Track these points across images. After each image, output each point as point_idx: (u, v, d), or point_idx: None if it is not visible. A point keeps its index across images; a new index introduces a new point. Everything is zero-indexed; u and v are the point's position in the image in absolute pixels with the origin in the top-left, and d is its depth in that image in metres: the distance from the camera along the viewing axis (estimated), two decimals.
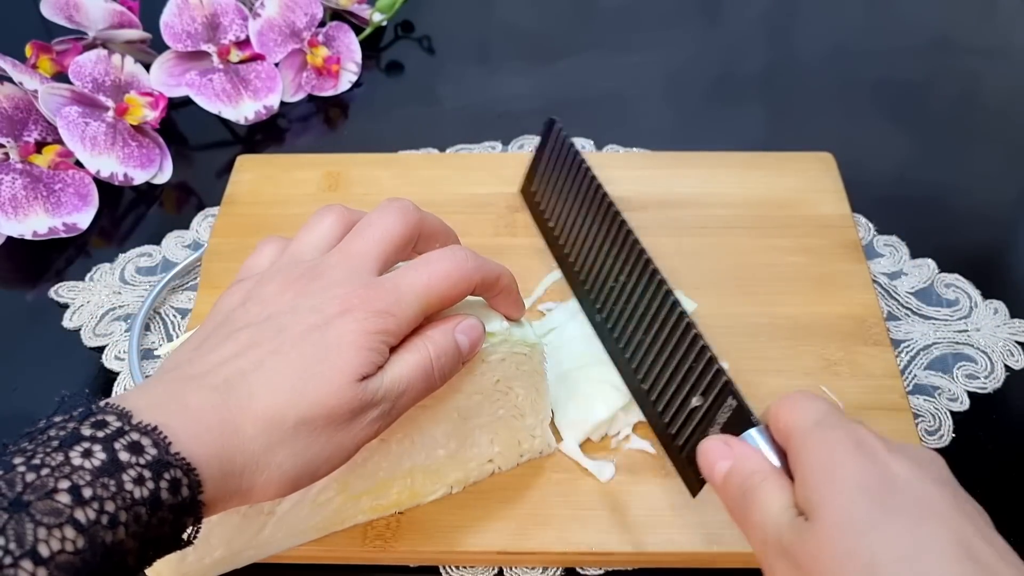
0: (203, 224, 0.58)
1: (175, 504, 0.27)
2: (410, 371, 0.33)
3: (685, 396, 0.35)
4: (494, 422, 0.41)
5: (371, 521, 0.41)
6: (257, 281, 0.34)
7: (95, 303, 0.53)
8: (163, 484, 0.27)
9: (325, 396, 0.30)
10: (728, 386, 0.33)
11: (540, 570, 0.41)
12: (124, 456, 0.27)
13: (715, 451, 0.32)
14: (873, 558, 0.26)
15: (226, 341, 0.32)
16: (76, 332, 0.52)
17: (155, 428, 0.28)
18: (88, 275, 0.55)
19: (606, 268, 0.43)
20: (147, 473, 0.27)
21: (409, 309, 0.33)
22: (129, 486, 0.26)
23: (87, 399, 0.28)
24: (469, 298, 0.36)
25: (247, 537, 0.38)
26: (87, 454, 0.26)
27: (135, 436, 0.27)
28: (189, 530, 0.29)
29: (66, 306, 0.53)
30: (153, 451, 0.27)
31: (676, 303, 0.37)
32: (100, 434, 0.27)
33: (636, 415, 0.44)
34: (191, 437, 0.28)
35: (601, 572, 0.41)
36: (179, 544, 0.29)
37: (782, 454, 0.31)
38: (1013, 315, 0.51)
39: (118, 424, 0.27)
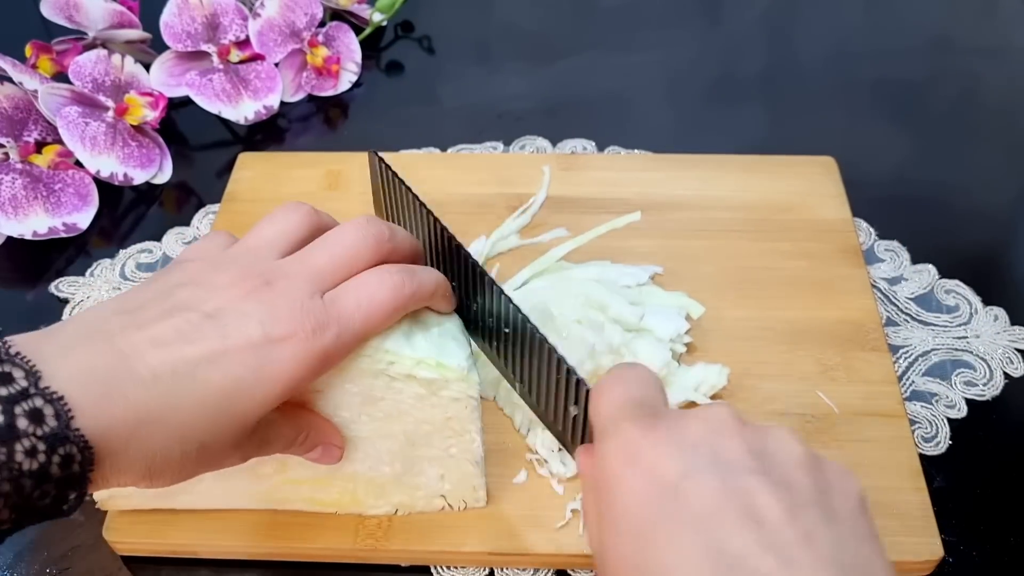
0: (204, 221, 0.58)
1: (62, 478, 0.26)
2: (286, 435, 0.34)
3: (564, 407, 0.35)
4: (445, 459, 0.39)
5: (363, 520, 0.41)
6: (210, 264, 0.33)
7: (95, 298, 0.54)
8: (55, 459, 0.26)
9: (238, 430, 0.30)
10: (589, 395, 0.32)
11: (531, 571, 0.41)
12: (22, 424, 0.25)
13: (579, 464, 0.33)
14: None
15: (165, 318, 0.30)
16: None
17: (61, 398, 0.26)
18: (89, 271, 0.55)
19: (467, 297, 0.39)
20: (41, 446, 0.25)
21: (344, 350, 0.33)
22: (19, 457, 0.25)
23: None
24: None
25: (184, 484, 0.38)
26: None
27: (39, 403, 0.26)
28: (71, 502, 0.27)
29: (66, 301, 0.53)
30: (53, 423, 0.26)
31: (526, 320, 0.35)
32: (3, 392, 0.25)
33: None
34: (101, 425, 0.27)
35: (592, 574, 0.41)
36: (58, 513, 0.27)
37: None
38: (1013, 322, 0.50)
39: (24, 384, 0.26)
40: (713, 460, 0.27)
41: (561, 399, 0.35)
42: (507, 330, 0.37)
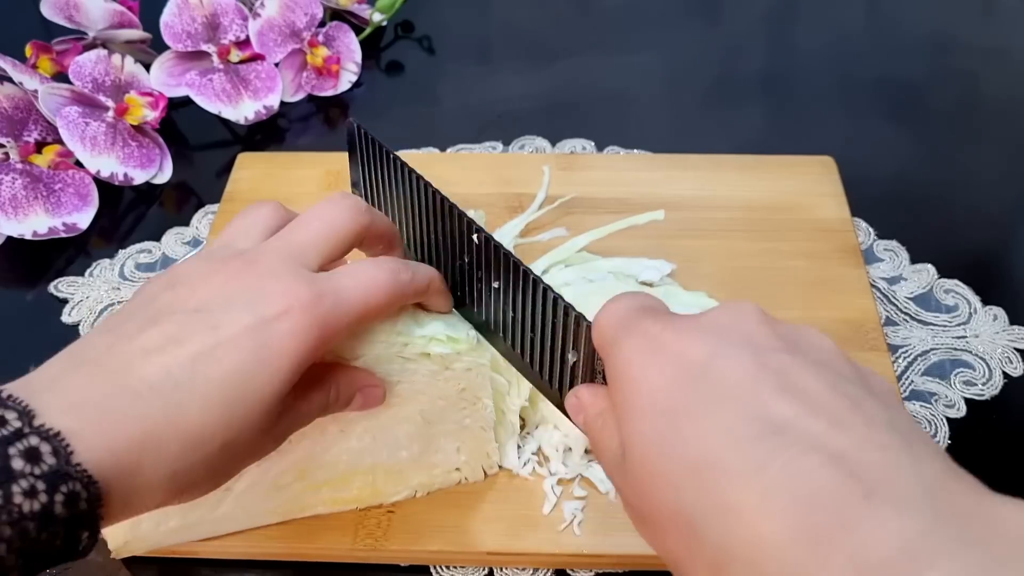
0: (203, 221, 0.58)
1: (69, 518, 0.25)
2: (316, 400, 0.33)
3: (561, 355, 0.33)
4: (460, 431, 0.40)
5: (362, 520, 0.41)
6: (185, 264, 0.32)
7: (94, 298, 0.54)
8: (58, 498, 0.24)
9: (257, 417, 0.29)
10: (591, 329, 0.31)
11: (530, 571, 0.41)
12: (18, 464, 0.24)
13: (573, 406, 0.32)
14: (676, 478, 0.24)
15: (150, 327, 0.28)
16: (75, 328, 0.52)
17: (57, 434, 0.25)
18: (88, 271, 0.55)
19: (450, 256, 0.38)
20: (41, 485, 0.24)
21: (345, 320, 0.31)
22: (18, 499, 0.24)
23: None
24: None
25: (203, 511, 0.39)
26: None
27: (34, 441, 0.24)
28: (84, 542, 0.26)
29: (65, 301, 0.54)
30: (52, 460, 0.24)
31: (518, 264, 0.34)
32: None
33: None
34: (105, 450, 0.26)
35: (591, 574, 0.41)
36: (73, 555, 0.26)
37: None
38: (1012, 322, 0.50)
39: (17, 424, 0.25)
40: (744, 341, 0.25)
41: (558, 347, 0.33)
42: (496, 284, 0.36)
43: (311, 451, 0.38)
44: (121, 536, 0.38)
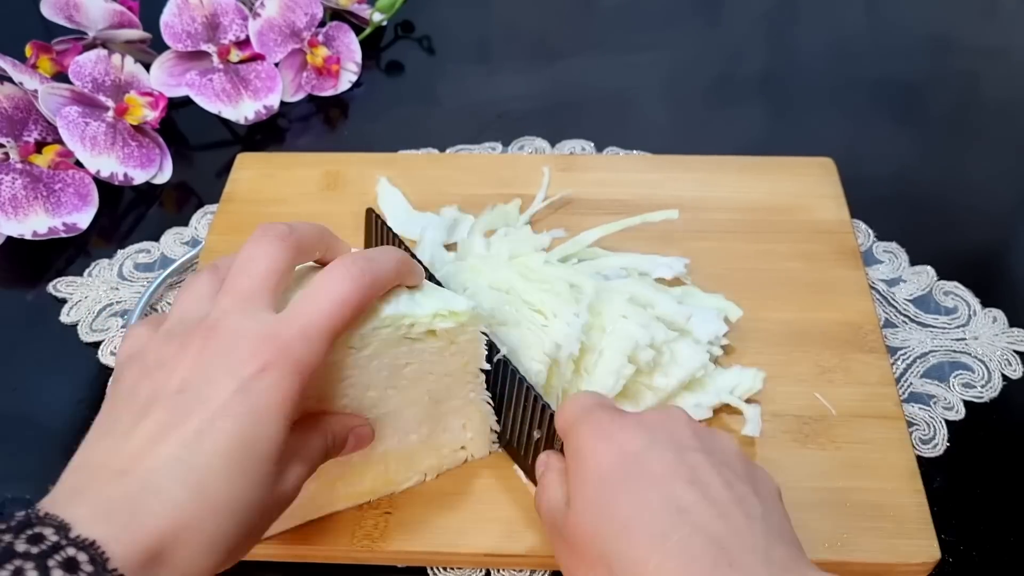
0: (202, 221, 0.58)
1: None
2: (318, 446, 0.35)
3: (529, 432, 0.40)
4: (465, 405, 0.41)
5: (359, 521, 0.41)
6: (152, 350, 0.32)
7: (93, 298, 0.54)
8: None
9: (268, 470, 0.30)
10: (553, 417, 0.38)
11: (527, 572, 0.41)
12: (58, 575, 0.25)
13: (541, 461, 0.39)
14: (605, 532, 0.31)
15: (143, 419, 0.30)
16: (74, 328, 0.52)
17: (93, 543, 0.26)
18: (87, 271, 0.55)
19: None
20: None
21: (320, 350, 0.32)
22: None
23: (27, 506, 0.27)
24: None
25: None
26: (18, 573, 0.25)
27: (71, 552, 0.26)
28: None
29: (64, 301, 0.54)
30: (89, 568, 0.26)
31: (506, 360, 0.40)
32: (35, 550, 0.25)
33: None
34: (140, 550, 0.27)
35: None
36: None
37: None
38: (1012, 324, 0.50)
39: (55, 539, 0.26)
40: (668, 440, 0.33)
41: (527, 426, 0.40)
42: (484, 366, 0.40)
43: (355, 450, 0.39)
44: None
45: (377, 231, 0.48)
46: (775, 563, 0.30)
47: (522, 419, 0.41)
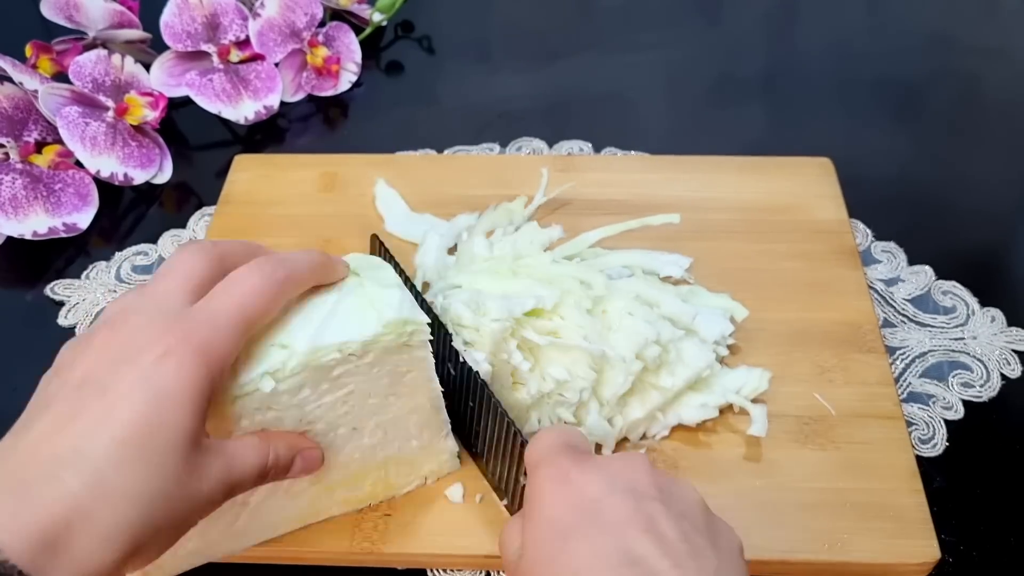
0: (200, 223, 0.58)
1: None
2: (252, 459, 0.33)
3: (516, 478, 0.39)
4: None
5: (359, 523, 0.41)
6: (64, 354, 0.32)
7: (90, 301, 0.54)
8: None
9: (175, 462, 0.29)
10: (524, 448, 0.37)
11: None
12: None
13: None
14: None
15: (42, 415, 0.29)
16: (71, 330, 0.52)
17: None
18: (84, 273, 0.55)
19: (446, 369, 0.42)
20: None
21: (229, 338, 0.31)
22: None
23: None
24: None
25: (221, 528, 0.39)
26: None
27: None
28: None
29: (62, 303, 0.54)
30: None
31: (484, 386, 0.40)
32: None
33: (675, 417, 0.44)
34: (34, 537, 0.26)
35: None
36: None
37: None
38: (1010, 323, 0.50)
39: None
40: (628, 488, 0.32)
41: (514, 471, 0.39)
42: (471, 404, 0.41)
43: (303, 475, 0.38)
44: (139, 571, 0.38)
45: (382, 255, 0.48)
46: None
47: (510, 464, 0.39)
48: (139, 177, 0.60)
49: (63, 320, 0.53)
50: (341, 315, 0.35)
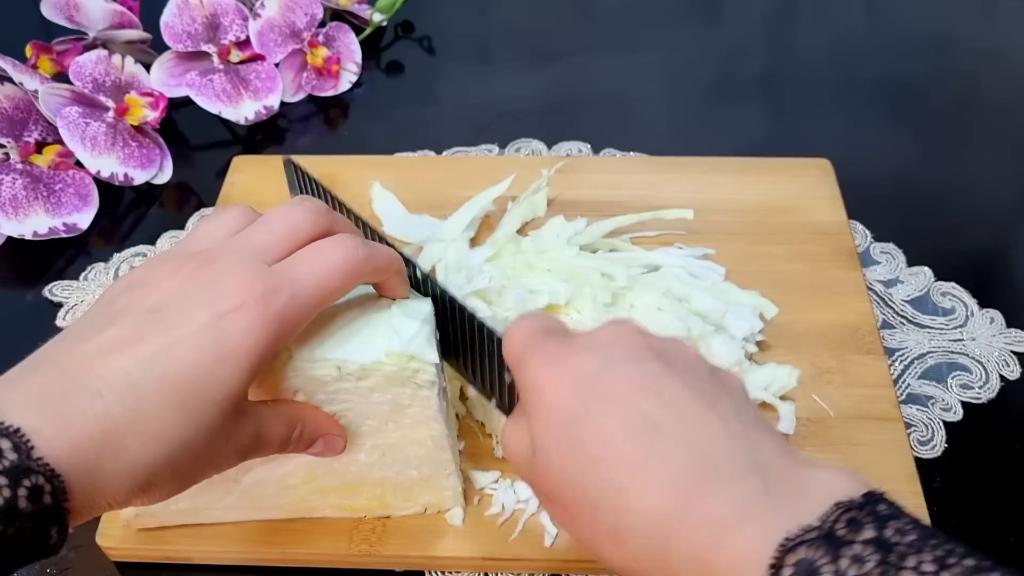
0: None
1: (35, 512, 0.25)
2: (279, 431, 0.33)
3: (500, 377, 0.36)
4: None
5: (357, 525, 0.41)
6: (145, 265, 0.32)
7: (89, 302, 0.54)
8: (21, 492, 0.25)
9: (214, 416, 0.29)
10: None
11: None
12: None
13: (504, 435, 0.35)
14: (578, 469, 0.29)
15: (107, 328, 0.29)
16: None
17: (17, 430, 0.25)
18: (83, 274, 0.55)
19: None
20: (3, 480, 0.24)
21: (303, 308, 0.31)
22: None
23: None
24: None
25: (211, 499, 0.39)
26: None
27: None
28: (54, 537, 0.26)
29: (60, 305, 0.54)
30: (13, 456, 0.25)
31: (453, 299, 0.36)
32: None
33: None
34: (66, 446, 0.26)
35: None
36: (44, 552, 0.26)
37: None
38: (1009, 324, 0.50)
39: None
40: (625, 356, 0.30)
41: (496, 369, 0.36)
42: (440, 311, 0.38)
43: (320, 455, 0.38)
44: (132, 508, 0.38)
45: (301, 186, 0.45)
46: (763, 466, 0.27)
47: (490, 365, 0.37)
48: (139, 177, 0.60)
49: (61, 322, 0.53)
50: (353, 331, 0.35)
